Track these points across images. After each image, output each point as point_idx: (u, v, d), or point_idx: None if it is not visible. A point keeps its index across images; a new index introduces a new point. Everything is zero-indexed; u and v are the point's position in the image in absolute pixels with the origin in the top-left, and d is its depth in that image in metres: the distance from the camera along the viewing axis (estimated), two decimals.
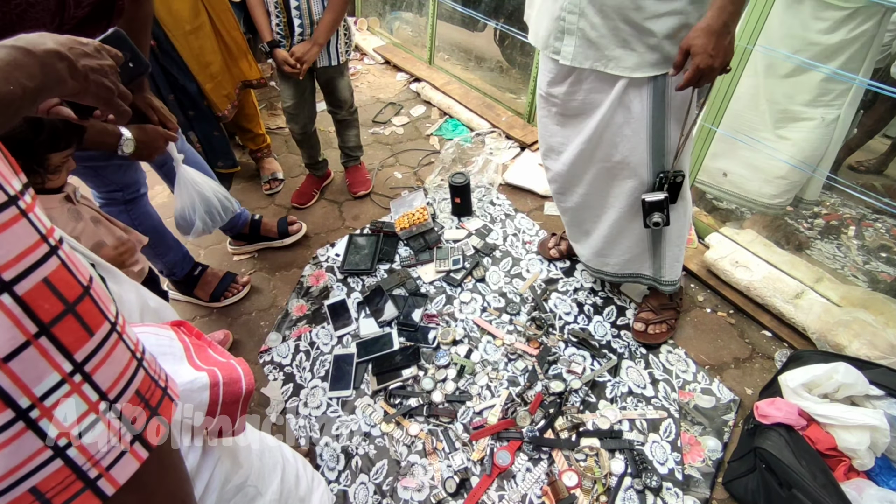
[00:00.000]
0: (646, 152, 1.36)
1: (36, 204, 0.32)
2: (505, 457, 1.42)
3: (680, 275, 1.63)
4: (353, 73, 3.44)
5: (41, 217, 0.32)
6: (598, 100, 1.37)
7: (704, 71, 1.14)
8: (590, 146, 1.45)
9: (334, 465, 1.48)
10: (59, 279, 0.31)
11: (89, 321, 0.33)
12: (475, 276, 1.95)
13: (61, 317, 0.31)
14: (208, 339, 0.57)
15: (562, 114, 1.48)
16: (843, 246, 2.16)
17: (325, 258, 2.13)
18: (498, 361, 1.67)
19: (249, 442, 0.68)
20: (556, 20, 1.30)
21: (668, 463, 1.41)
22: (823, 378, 1.24)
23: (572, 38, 1.29)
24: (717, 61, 1.14)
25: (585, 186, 1.56)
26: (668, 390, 1.58)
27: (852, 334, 1.52)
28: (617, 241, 1.60)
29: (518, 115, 2.80)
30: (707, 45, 1.11)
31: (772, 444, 1.20)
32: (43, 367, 0.30)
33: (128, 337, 0.37)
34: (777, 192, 2.04)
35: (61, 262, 0.32)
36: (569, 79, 1.39)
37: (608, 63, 1.28)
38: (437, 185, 2.44)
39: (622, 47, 1.24)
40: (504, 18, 3.32)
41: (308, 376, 1.71)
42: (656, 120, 1.31)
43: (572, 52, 1.31)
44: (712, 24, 1.11)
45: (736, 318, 1.79)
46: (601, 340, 1.72)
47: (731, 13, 1.10)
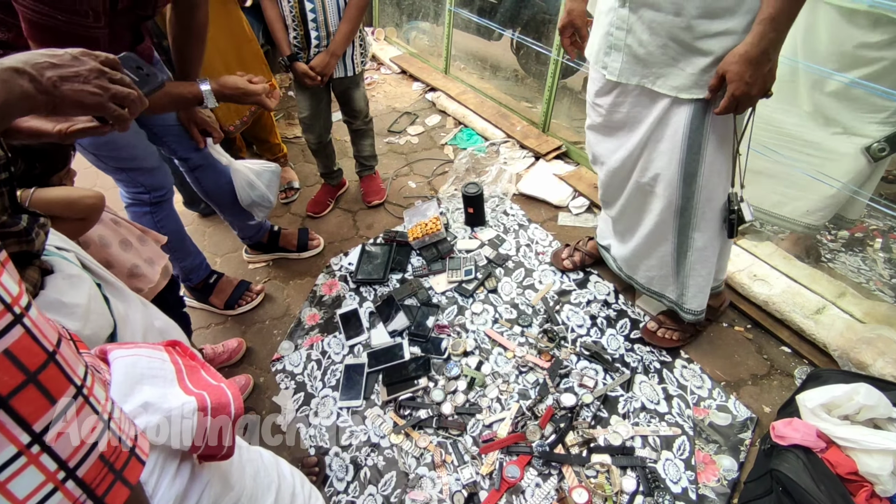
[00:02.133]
0: (677, 173, 1.33)
1: (3, 271, 0.32)
2: (514, 471, 1.41)
3: (704, 307, 1.58)
4: (369, 83, 3.48)
5: (7, 285, 0.31)
6: (641, 114, 1.35)
7: (740, 99, 1.10)
8: (630, 160, 1.43)
9: (343, 476, 1.48)
10: (21, 348, 0.31)
11: (52, 388, 0.32)
12: (487, 287, 1.95)
13: (21, 387, 0.30)
14: (202, 361, 0.58)
15: (606, 125, 1.47)
16: (869, 259, 2.09)
17: (339, 267, 2.14)
18: (509, 374, 1.66)
19: (243, 463, 0.68)
20: (605, 35, 1.29)
21: (682, 482, 1.38)
22: (844, 399, 1.20)
23: (619, 54, 1.28)
24: (755, 89, 1.08)
25: (624, 199, 1.56)
26: (682, 406, 1.54)
27: (876, 352, 1.47)
28: (645, 257, 1.59)
29: (533, 124, 2.79)
30: (743, 72, 1.07)
31: (789, 466, 1.16)
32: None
33: (95, 398, 0.36)
34: (820, 211, 1.90)
35: (25, 330, 0.31)
36: (615, 90, 1.37)
37: (655, 80, 1.25)
38: (451, 195, 2.44)
39: (670, 66, 1.21)
40: (520, 28, 3.32)
41: (319, 385, 1.72)
42: (692, 142, 1.27)
43: (619, 67, 1.30)
44: (750, 50, 1.05)
45: (754, 334, 1.75)
46: (614, 354, 1.70)
47: (771, 40, 1.04)
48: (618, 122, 1.42)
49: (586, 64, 1.49)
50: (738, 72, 1.07)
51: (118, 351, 0.51)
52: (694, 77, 1.18)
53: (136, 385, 0.48)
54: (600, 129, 1.51)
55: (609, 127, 1.46)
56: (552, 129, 2.72)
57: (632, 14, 1.20)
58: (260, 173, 1.79)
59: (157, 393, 0.47)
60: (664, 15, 1.14)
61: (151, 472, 0.50)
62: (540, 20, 3.22)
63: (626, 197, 1.54)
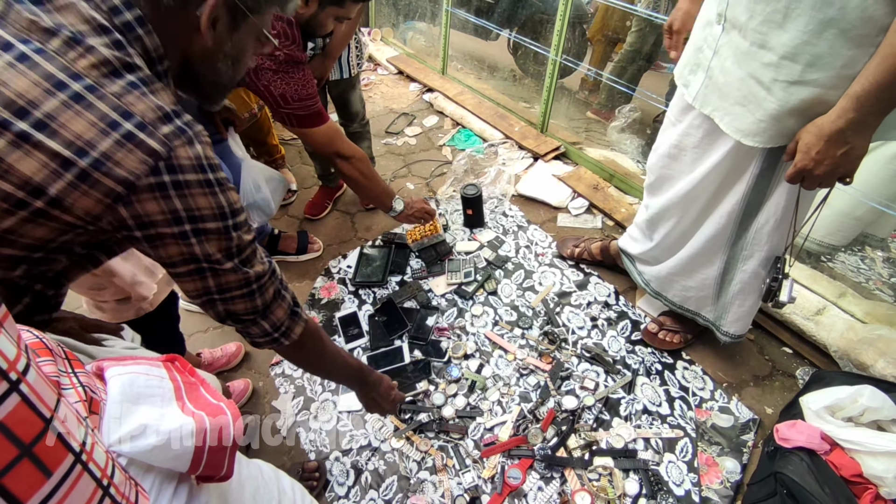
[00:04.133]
0: (738, 204, 1.27)
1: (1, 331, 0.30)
2: (516, 475, 1.40)
3: (745, 331, 1.53)
4: (366, 84, 3.46)
5: (3, 348, 0.29)
6: (714, 147, 1.25)
7: (804, 174, 0.98)
8: (695, 190, 1.35)
9: (344, 481, 1.47)
10: (16, 419, 0.29)
11: (48, 460, 0.30)
12: (487, 289, 1.94)
13: (14, 463, 0.28)
14: (201, 377, 0.56)
15: (677, 146, 1.37)
16: (868, 258, 2.09)
17: (337, 270, 2.13)
18: (510, 376, 1.65)
19: (242, 481, 0.67)
20: (696, 51, 1.20)
21: (685, 484, 1.37)
22: (848, 401, 1.19)
23: (702, 74, 1.17)
24: (820, 169, 0.95)
25: (674, 222, 1.49)
26: (684, 408, 1.54)
27: (877, 353, 1.47)
28: (684, 277, 1.55)
29: (531, 124, 2.78)
30: (812, 146, 0.94)
31: (793, 469, 1.15)
32: None
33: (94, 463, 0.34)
34: (840, 232, 1.85)
35: (22, 398, 0.29)
36: (691, 114, 1.28)
37: (724, 117, 1.14)
38: (450, 197, 2.43)
39: (741, 104, 1.08)
40: (517, 28, 3.31)
41: (319, 389, 1.70)
42: (759, 182, 1.19)
43: (697, 90, 1.20)
44: (825, 125, 0.92)
45: (755, 335, 1.74)
46: (615, 356, 1.69)
47: (851, 121, 0.89)
48: (687, 148, 1.33)
49: (585, 64, 1.46)
50: (807, 143, 0.96)
51: (115, 368, 0.50)
52: (762, 124, 1.06)
53: (134, 405, 0.47)
54: (669, 150, 1.40)
55: (679, 148, 1.36)
56: (551, 129, 2.72)
57: (724, 35, 1.08)
58: (269, 178, 1.77)
59: (155, 413, 0.45)
60: (748, 44, 1.01)
61: (148, 494, 0.48)
62: (537, 20, 3.22)
63: (673, 224, 1.48)
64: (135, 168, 0.55)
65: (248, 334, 0.80)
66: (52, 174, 0.52)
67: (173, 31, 0.64)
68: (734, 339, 1.54)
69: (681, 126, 1.33)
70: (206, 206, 0.62)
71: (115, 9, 0.57)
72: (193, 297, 0.70)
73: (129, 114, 0.55)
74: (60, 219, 0.55)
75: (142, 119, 0.56)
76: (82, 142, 0.52)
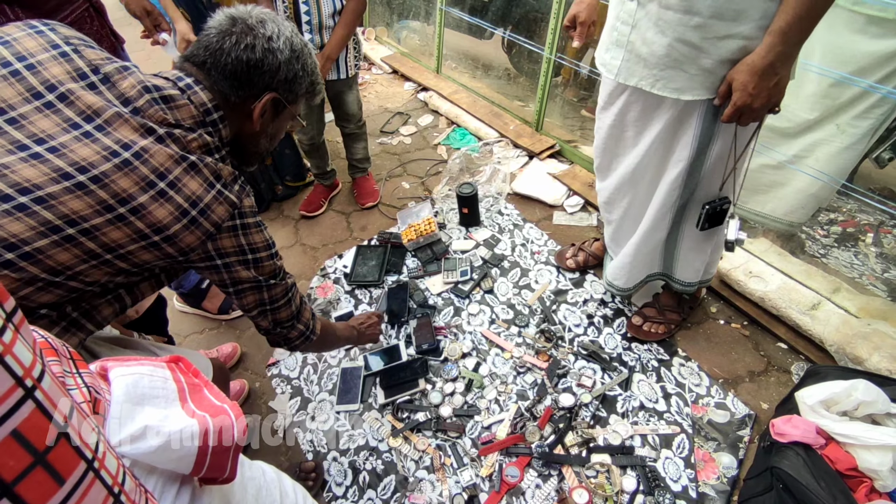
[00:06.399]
0: (683, 171, 1.31)
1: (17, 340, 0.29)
2: (514, 473, 1.40)
3: (696, 280, 1.58)
4: (361, 84, 3.45)
5: (19, 355, 0.29)
6: (652, 118, 1.30)
7: (742, 109, 1.07)
8: (642, 162, 1.38)
9: (342, 481, 1.46)
10: (31, 427, 0.29)
11: (61, 468, 0.30)
12: (483, 288, 1.94)
13: (28, 471, 0.28)
14: (205, 379, 0.56)
15: (618, 125, 1.40)
16: (861, 254, 2.11)
17: (333, 269, 2.13)
18: (507, 375, 1.65)
19: (244, 482, 0.66)
20: (611, 30, 1.24)
21: (682, 480, 1.38)
22: (842, 395, 1.20)
23: (621, 50, 1.22)
24: (757, 102, 1.05)
25: (626, 203, 1.52)
26: (680, 405, 1.54)
27: (872, 347, 1.48)
28: (635, 258, 1.56)
29: (526, 123, 2.79)
30: (748, 83, 1.03)
31: (789, 463, 1.16)
32: None
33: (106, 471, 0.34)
34: (802, 209, 1.92)
35: (37, 405, 0.29)
36: (625, 93, 1.31)
37: (655, 83, 1.19)
38: (445, 196, 2.43)
39: (672, 68, 1.15)
40: (511, 26, 3.31)
41: (315, 389, 1.70)
42: (702, 140, 1.24)
43: (618, 66, 1.24)
44: (756, 61, 1.02)
45: (750, 330, 1.75)
46: (612, 353, 1.69)
47: (779, 53, 1.00)
48: (629, 126, 1.37)
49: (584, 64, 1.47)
50: (742, 81, 1.04)
51: (119, 368, 0.49)
52: (698, 78, 1.14)
53: (137, 406, 0.47)
54: (611, 135, 1.44)
55: (620, 131, 1.40)
56: (545, 127, 2.72)
57: (640, 8, 1.14)
58: None
59: (159, 415, 0.45)
60: (673, 13, 1.08)
61: None
62: (531, 18, 3.22)
63: (629, 201, 1.51)
64: (223, 215, 0.81)
65: (288, 339, 1.07)
66: (174, 219, 0.75)
67: (232, 118, 0.89)
68: (687, 287, 1.60)
69: (615, 107, 1.37)
70: (261, 240, 0.89)
71: (207, 110, 0.84)
72: (249, 310, 0.96)
73: (219, 177, 0.81)
74: (165, 250, 0.77)
75: (226, 181, 0.82)
76: (195, 196, 0.77)
